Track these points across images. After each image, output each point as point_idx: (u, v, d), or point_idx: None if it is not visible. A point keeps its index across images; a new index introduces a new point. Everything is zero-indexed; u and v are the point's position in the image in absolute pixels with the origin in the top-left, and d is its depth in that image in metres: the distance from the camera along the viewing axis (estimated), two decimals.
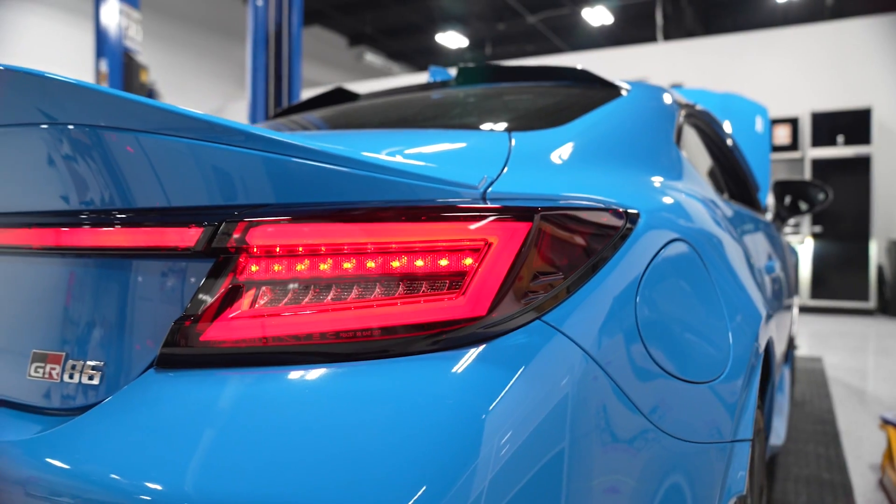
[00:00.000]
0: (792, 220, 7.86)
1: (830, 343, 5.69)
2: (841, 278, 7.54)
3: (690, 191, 1.28)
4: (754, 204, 2.77)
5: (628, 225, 0.85)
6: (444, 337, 0.67)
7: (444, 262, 0.70)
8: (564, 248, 0.75)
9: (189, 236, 0.71)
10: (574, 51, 16.40)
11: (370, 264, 0.70)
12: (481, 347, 0.67)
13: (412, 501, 0.58)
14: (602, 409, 0.71)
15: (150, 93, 5.73)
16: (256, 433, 0.63)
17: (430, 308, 0.68)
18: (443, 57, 18.55)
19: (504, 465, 0.62)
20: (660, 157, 1.34)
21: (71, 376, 0.75)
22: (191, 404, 0.67)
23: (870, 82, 7.85)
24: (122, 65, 5.38)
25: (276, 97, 4.44)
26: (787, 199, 2.94)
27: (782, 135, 7.83)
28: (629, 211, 0.87)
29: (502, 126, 1.20)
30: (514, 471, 0.63)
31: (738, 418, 0.92)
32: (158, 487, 0.62)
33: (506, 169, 0.87)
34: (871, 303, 7.42)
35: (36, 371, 0.78)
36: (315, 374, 0.66)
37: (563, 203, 0.78)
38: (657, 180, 1.19)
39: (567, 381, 0.69)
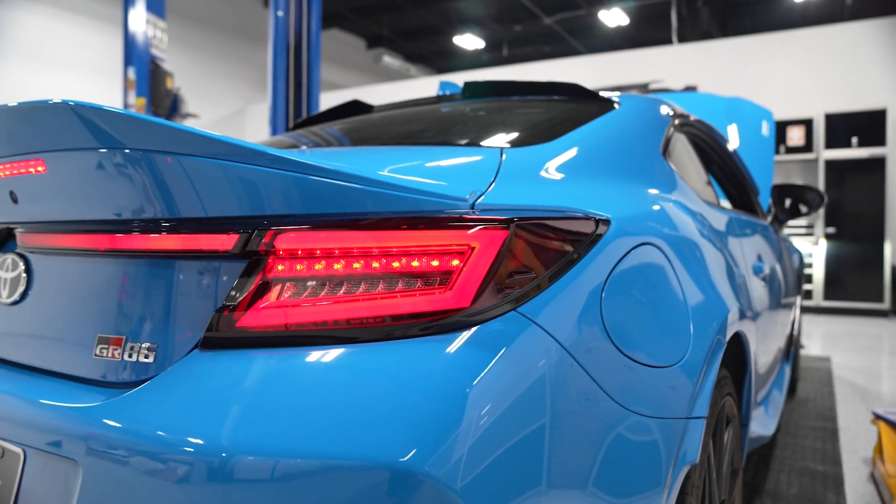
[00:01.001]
0: (804, 221, 7.88)
1: (841, 343, 5.74)
2: (855, 279, 7.56)
3: (669, 199, 1.41)
4: (752, 207, 2.88)
5: (598, 231, 0.99)
6: (435, 324, 0.82)
7: (435, 263, 0.84)
8: (537, 251, 0.89)
9: (227, 241, 0.87)
10: (591, 52, 16.45)
11: (375, 264, 0.85)
12: (465, 332, 0.82)
13: (409, 456, 0.73)
14: (566, 386, 0.86)
15: (176, 98, 5.97)
16: (282, 399, 0.78)
17: (423, 300, 0.83)
18: (460, 58, 18.68)
19: (482, 428, 0.77)
20: (643, 169, 1.47)
21: (129, 355, 0.91)
22: (229, 377, 0.82)
23: (884, 83, 7.85)
24: (148, 72, 5.62)
25: (296, 102, 4.60)
26: (788, 202, 3.04)
27: (796, 136, 7.87)
28: (599, 218, 1.01)
29: (496, 142, 1.35)
30: (489, 434, 0.77)
31: (695, 399, 1.05)
32: (201, 441, 0.77)
33: (494, 183, 1.01)
34: (886, 304, 7.43)
35: (100, 351, 0.94)
36: (330, 353, 0.81)
37: (537, 213, 0.92)
38: (637, 190, 1.32)
39: (537, 362, 0.84)
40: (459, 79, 12.43)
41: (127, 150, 0.89)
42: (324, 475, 0.73)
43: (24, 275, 1.08)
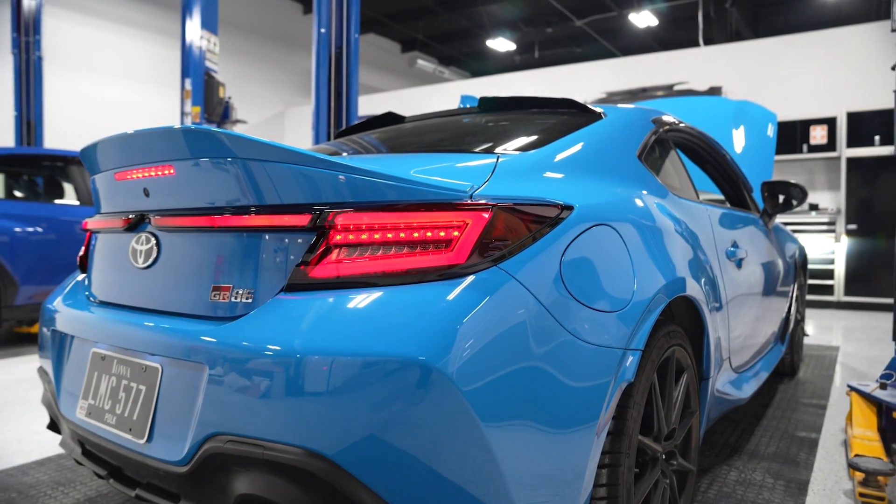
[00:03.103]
0: (826, 218, 7.99)
1: (855, 335, 5.95)
2: (876, 275, 7.69)
3: (635, 193, 1.78)
4: (744, 203, 3.20)
5: (561, 215, 1.38)
6: (442, 273, 1.22)
7: (442, 234, 1.24)
8: (512, 226, 1.29)
9: (302, 220, 1.28)
10: (622, 52, 16.63)
11: (402, 234, 1.25)
12: (462, 280, 1.21)
13: (424, 355, 1.12)
14: (533, 320, 1.24)
15: (227, 106, 6.52)
16: (339, 321, 1.18)
17: (434, 258, 1.23)
18: (492, 60, 19.02)
19: (473, 341, 1.16)
20: (618, 169, 1.85)
21: (235, 298, 1.33)
22: (303, 310, 1.23)
23: None
24: (203, 83, 6.16)
25: (337, 109, 5.04)
26: (781, 198, 3.34)
27: (819, 135, 8.03)
28: (564, 205, 1.40)
29: (497, 149, 1.74)
30: (477, 344, 1.16)
31: (633, 336, 1.42)
32: (279, 348, 1.18)
33: (488, 181, 1.40)
34: None
35: (214, 296, 1.37)
36: (372, 293, 1.22)
37: (514, 200, 1.32)
38: (607, 186, 1.70)
39: (511, 302, 1.23)
40: (492, 81, 12.79)
41: (230, 159, 1.32)
42: (366, 366, 1.13)
43: (155, 247, 1.52)
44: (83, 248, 1.95)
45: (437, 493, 1.15)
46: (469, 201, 1.29)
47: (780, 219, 8.13)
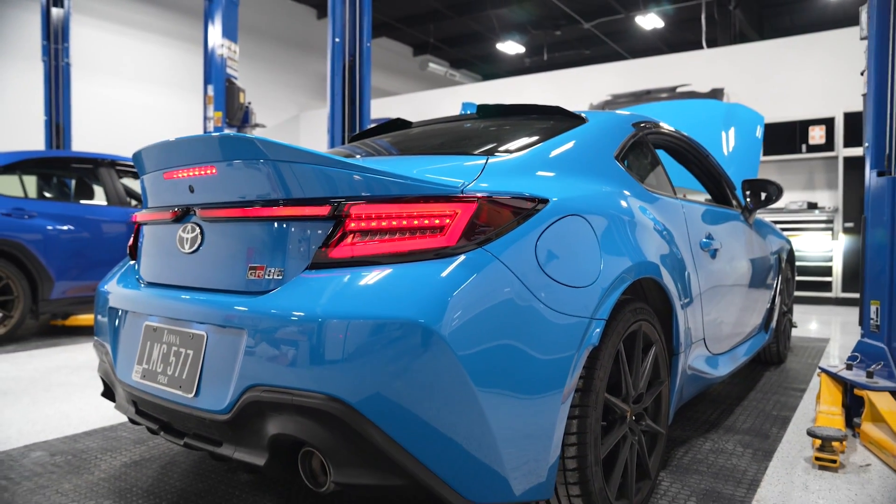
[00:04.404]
0: (824, 216, 8.15)
1: (847, 329, 6.15)
2: None
3: (609, 189, 2.05)
4: (727, 199, 3.45)
5: (537, 207, 1.66)
6: (436, 254, 1.50)
7: (437, 221, 1.52)
8: (495, 215, 1.57)
9: (323, 210, 1.56)
10: (629, 53, 16.82)
11: (404, 222, 1.54)
12: (453, 259, 1.49)
13: (423, 318, 1.40)
14: (512, 293, 1.52)
15: (247, 111, 6.85)
16: (353, 291, 1.47)
17: (430, 241, 1.51)
18: (502, 63, 19.28)
19: (463, 309, 1.44)
20: (595, 168, 2.12)
21: (267, 276, 1.62)
22: (324, 284, 1.51)
23: None
24: (224, 89, 6.49)
25: (350, 114, 5.32)
26: (763, 195, 3.58)
27: (818, 135, 8.22)
28: (539, 198, 1.67)
29: (488, 151, 2.02)
30: (466, 312, 1.44)
31: (598, 308, 1.69)
32: (304, 314, 1.47)
33: (477, 179, 1.68)
34: None
35: (250, 275, 1.65)
36: (378, 270, 1.50)
37: (497, 194, 1.60)
38: (583, 183, 1.97)
39: (493, 277, 1.50)
40: (501, 85, 13.05)
41: (263, 161, 1.61)
42: (376, 328, 1.41)
43: (199, 235, 1.81)
44: (132, 239, 2.26)
45: (432, 431, 1.42)
46: (460, 195, 1.58)
47: (779, 217, 8.33)
